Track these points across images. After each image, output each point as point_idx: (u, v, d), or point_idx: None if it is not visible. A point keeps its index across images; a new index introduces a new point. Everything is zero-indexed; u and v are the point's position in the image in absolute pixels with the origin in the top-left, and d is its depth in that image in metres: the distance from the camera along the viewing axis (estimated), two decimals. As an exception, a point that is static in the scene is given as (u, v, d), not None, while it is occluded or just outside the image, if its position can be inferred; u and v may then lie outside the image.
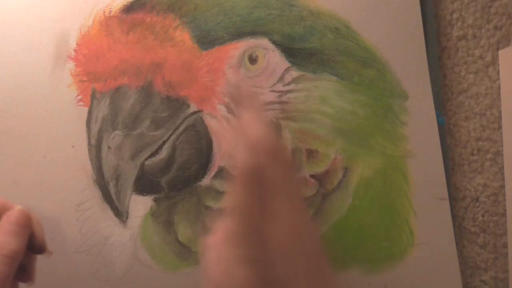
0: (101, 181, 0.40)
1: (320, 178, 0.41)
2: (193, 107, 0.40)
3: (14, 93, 0.42)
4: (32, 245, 0.35)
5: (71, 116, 0.41)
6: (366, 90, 0.41)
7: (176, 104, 0.40)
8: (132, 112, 0.40)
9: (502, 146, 0.43)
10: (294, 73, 0.41)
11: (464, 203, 0.44)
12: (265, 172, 0.29)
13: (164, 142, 0.40)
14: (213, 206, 0.41)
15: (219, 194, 0.41)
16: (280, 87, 0.41)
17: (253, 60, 0.41)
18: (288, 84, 0.41)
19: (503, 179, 0.43)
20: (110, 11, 0.41)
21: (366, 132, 0.41)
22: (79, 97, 0.41)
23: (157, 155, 0.40)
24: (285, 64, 0.41)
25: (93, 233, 0.41)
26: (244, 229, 0.28)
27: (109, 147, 0.40)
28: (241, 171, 0.28)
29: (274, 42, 0.41)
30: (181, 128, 0.40)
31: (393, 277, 0.42)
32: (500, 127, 0.43)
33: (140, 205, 0.41)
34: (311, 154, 0.41)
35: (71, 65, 0.41)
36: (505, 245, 0.43)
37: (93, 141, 0.41)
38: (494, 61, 0.42)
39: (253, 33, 0.41)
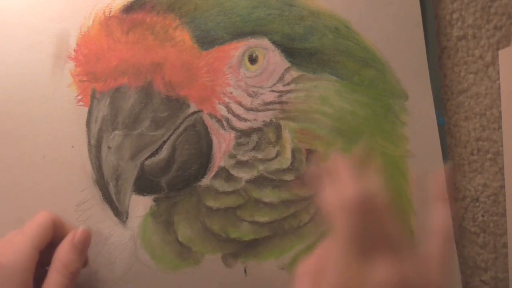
0: (101, 181, 0.40)
1: (320, 178, 0.41)
2: (193, 107, 0.40)
3: (14, 93, 0.42)
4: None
5: (71, 116, 0.41)
6: (366, 90, 0.41)
7: (176, 104, 0.40)
8: (132, 112, 0.40)
9: (502, 146, 0.43)
10: (294, 73, 0.41)
11: (464, 203, 0.44)
12: (373, 207, 0.29)
13: (164, 142, 0.40)
14: (213, 206, 0.41)
15: (219, 194, 0.41)
16: (280, 87, 0.41)
17: (253, 60, 0.41)
18: (288, 84, 0.41)
19: (503, 179, 0.43)
20: (110, 11, 0.41)
21: (366, 132, 0.41)
22: (79, 97, 0.41)
23: (157, 155, 0.40)
24: (285, 64, 0.41)
25: (93, 233, 0.41)
26: (346, 258, 0.28)
27: (109, 147, 0.40)
28: (350, 201, 0.28)
29: (274, 42, 0.41)
30: (181, 128, 0.40)
31: (393, 277, 0.42)
32: (500, 127, 0.43)
33: (140, 205, 0.41)
34: (311, 154, 0.41)
35: (71, 65, 0.41)
36: (505, 245, 0.43)
37: (93, 141, 0.41)
38: (494, 61, 0.42)
39: (253, 33, 0.41)
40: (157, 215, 0.41)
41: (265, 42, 0.41)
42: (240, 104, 0.41)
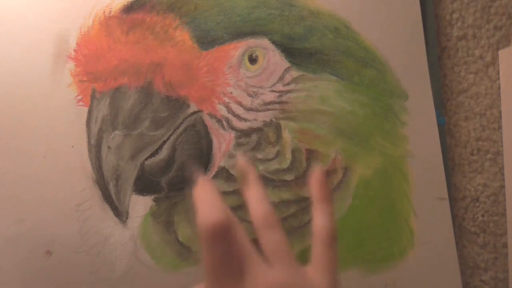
0: (101, 181, 0.40)
1: (320, 178, 0.41)
2: (193, 107, 0.40)
3: (14, 93, 0.42)
4: None
5: (71, 116, 0.41)
6: (366, 90, 0.41)
7: (176, 104, 0.40)
8: (132, 112, 0.40)
9: (502, 146, 0.43)
10: (294, 73, 0.41)
11: (464, 203, 0.44)
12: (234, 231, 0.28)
13: (164, 142, 0.40)
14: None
15: (219, 194, 0.41)
16: (280, 87, 0.41)
17: (253, 60, 0.41)
18: (288, 84, 0.41)
19: (503, 179, 0.43)
20: (110, 11, 0.41)
21: (366, 132, 0.41)
22: (79, 97, 0.41)
23: (157, 155, 0.40)
24: (285, 64, 0.41)
25: (93, 233, 0.41)
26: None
27: (109, 147, 0.40)
28: (205, 229, 0.27)
29: (274, 42, 0.41)
30: (181, 128, 0.40)
31: (393, 277, 0.42)
32: (500, 127, 0.43)
33: (140, 205, 0.41)
34: (311, 154, 0.41)
35: (71, 65, 0.41)
36: (505, 245, 0.43)
37: (93, 141, 0.41)
38: (494, 61, 0.42)
39: (253, 33, 0.41)
40: (157, 215, 0.41)
41: (265, 42, 0.41)
42: (240, 104, 0.41)
